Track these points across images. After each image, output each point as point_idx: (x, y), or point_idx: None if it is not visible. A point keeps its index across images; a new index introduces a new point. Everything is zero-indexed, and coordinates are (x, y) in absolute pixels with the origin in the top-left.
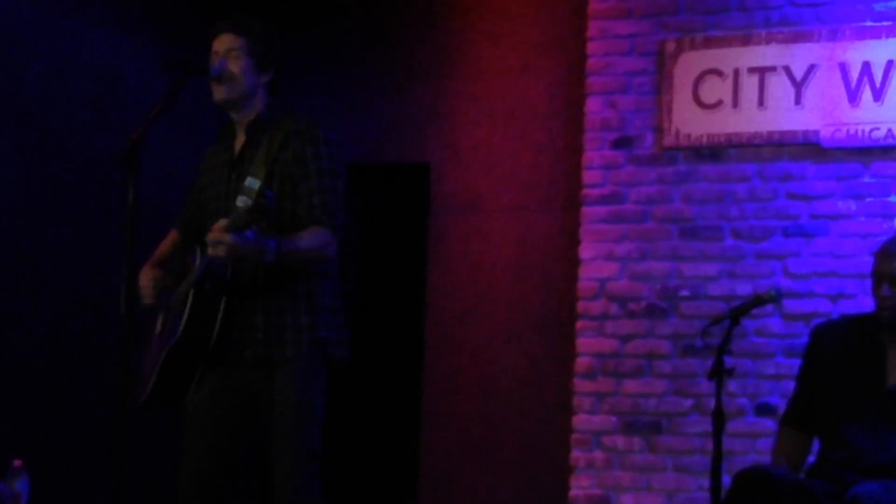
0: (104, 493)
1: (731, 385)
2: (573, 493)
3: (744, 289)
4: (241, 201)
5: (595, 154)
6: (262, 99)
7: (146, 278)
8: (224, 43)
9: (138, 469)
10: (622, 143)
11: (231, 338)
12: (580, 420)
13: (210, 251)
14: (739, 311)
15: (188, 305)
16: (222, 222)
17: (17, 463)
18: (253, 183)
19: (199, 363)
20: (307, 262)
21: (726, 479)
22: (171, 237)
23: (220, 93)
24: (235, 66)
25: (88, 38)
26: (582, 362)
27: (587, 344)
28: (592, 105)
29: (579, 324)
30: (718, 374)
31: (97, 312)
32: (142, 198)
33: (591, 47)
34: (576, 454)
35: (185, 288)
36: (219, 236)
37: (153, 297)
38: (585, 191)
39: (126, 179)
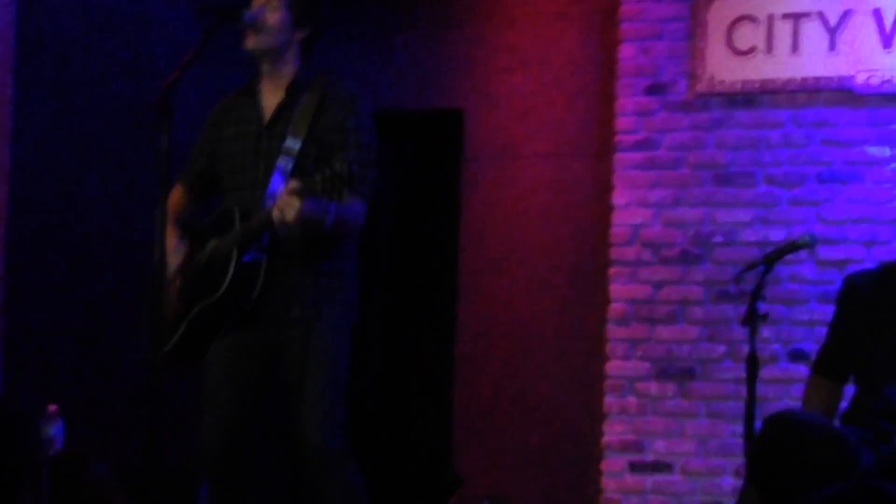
0: (138, 439)
1: (765, 331)
2: (606, 438)
3: (777, 235)
4: (284, 161)
5: (628, 101)
6: (295, 56)
7: (172, 246)
8: None
9: (172, 416)
10: (655, 90)
11: (267, 298)
12: (613, 366)
13: (276, 214)
14: (773, 257)
15: (232, 264)
16: (294, 184)
17: (53, 408)
18: (293, 144)
19: (230, 320)
20: (347, 230)
21: (759, 425)
22: (178, 192)
23: (251, 41)
24: (272, 17)
25: None
26: (615, 308)
27: (620, 290)
28: (626, 51)
29: (612, 270)
30: (752, 319)
31: (129, 258)
32: (173, 145)
33: None
34: (609, 400)
35: (228, 246)
36: (290, 201)
37: (177, 268)
38: (619, 137)
39: (160, 125)
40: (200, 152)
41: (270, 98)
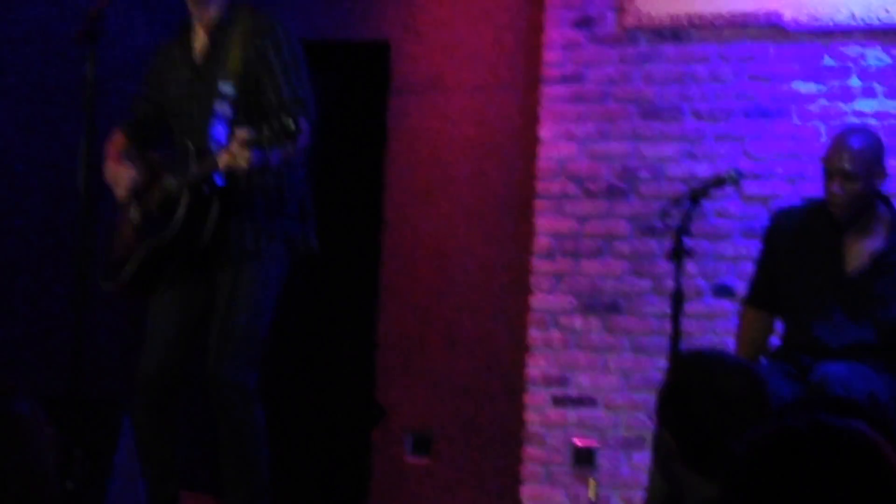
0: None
1: (689, 266)
2: (530, 371)
3: (703, 170)
4: (220, 105)
5: (556, 33)
6: None
7: (121, 172)
8: None
9: (97, 351)
10: (583, 23)
11: (215, 235)
12: (538, 300)
13: (228, 160)
14: (699, 192)
15: (184, 204)
16: (244, 134)
17: None
18: (227, 87)
19: (180, 259)
20: (289, 162)
21: None
22: (119, 136)
23: None
24: None
25: None
26: (540, 242)
27: (546, 223)
28: None
29: (538, 203)
30: (678, 254)
31: (55, 187)
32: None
33: None
34: (533, 334)
35: (178, 185)
36: (241, 151)
37: (128, 190)
38: (546, 70)
39: (85, 55)
40: (142, 100)
41: (200, 41)
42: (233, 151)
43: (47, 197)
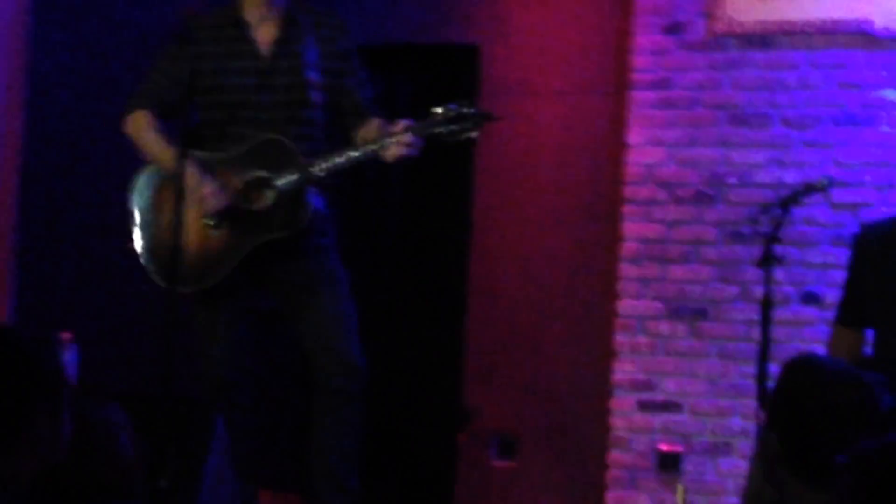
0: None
1: (777, 273)
2: (617, 377)
3: (791, 177)
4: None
5: (645, 39)
6: None
7: (210, 182)
8: None
9: (187, 345)
10: (672, 29)
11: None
12: (625, 305)
13: (394, 151)
14: (790, 200)
15: (308, 202)
16: (407, 125)
17: (66, 335)
18: (315, 76)
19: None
20: None
21: (770, 368)
22: (148, 118)
23: None
24: None
25: None
26: (628, 247)
27: (633, 229)
28: None
29: (626, 209)
30: (767, 262)
31: None
32: None
33: None
34: (620, 339)
35: (298, 182)
36: (409, 139)
37: (228, 201)
38: (635, 76)
39: (179, 54)
40: (173, 80)
41: (263, 31)
42: (402, 140)
43: None
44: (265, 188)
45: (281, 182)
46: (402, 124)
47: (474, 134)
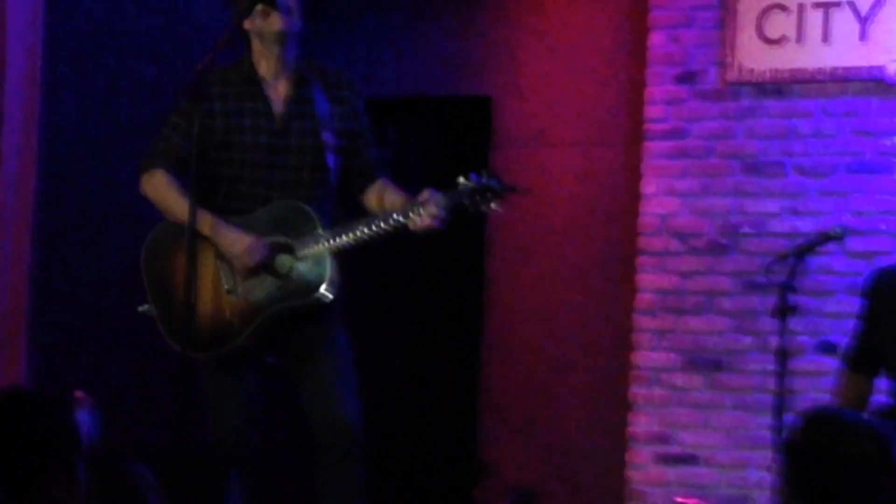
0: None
1: (793, 323)
2: (633, 429)
3: (806, 226)
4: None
5: (658, 89)
6: (299, 43)
7: (245, 236)
8: None
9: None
10: (685, 78)
11: None
12: (640, 357)
13: (420, 223)
14: (804, 249)
15: (331, 264)
16: (434, 196)
17: (79, 394)
18: (330, 138)
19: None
20: None
21: (788, 418)
22: (164, 176)
23: (283, 23)
24: (293, 4)
25: None
26: (643, 298)
27: (648, 280)
28: (656, 39)
29: (640, 259)
30: (783, 311)
31: None
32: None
33: None
34: (636, 391)
35: (321, 251)
36: (437, 211)
37: (262, 260)
38: (648, 125)
39: (193, 110)
40: (186, 136)
41: (276, 88)
42: (428, 217)
43: None
44: (285, 254)
45: (302, 251)
46: (426, 195)
47: (497, 207)
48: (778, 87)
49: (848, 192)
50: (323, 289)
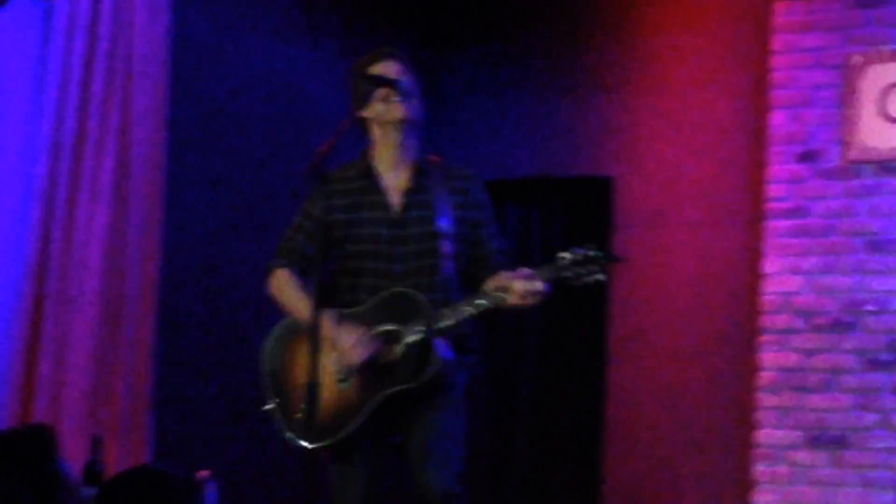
0: None
1: None
2: None
3: None
4: (443, 244)
5: (779, 168)
6: (417, 132)
7: (354, 331)
8: (395, 69)
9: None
10: (807, 157)
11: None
12: (764, 434)
13: (519, 299)
14: None
15: (435, 353)
16: (527, 272)
17: (204, 473)
18: (447, 225)
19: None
20: None
21: None
22: (287, 276)
23: (405, 110)
24: (414, 87)
25: (273, 53)
26: (765, 376)
27: (771, 358)
28: (777, 119)
29: (763, 338)
30: None
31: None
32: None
33: (776, 61)
34: (760, 468)
35: (423, 334)
36: (535, 285)
37: (371, 355)
38: (770, 204)
39: (314, 193)
40: (309, 235)
41: (392, 179)
42: (525, 288)
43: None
44: (394, 342)
45: (409, 337)
46: (526, 271)
47: (602, 277)
48: None
49: None
50: (429, 371)
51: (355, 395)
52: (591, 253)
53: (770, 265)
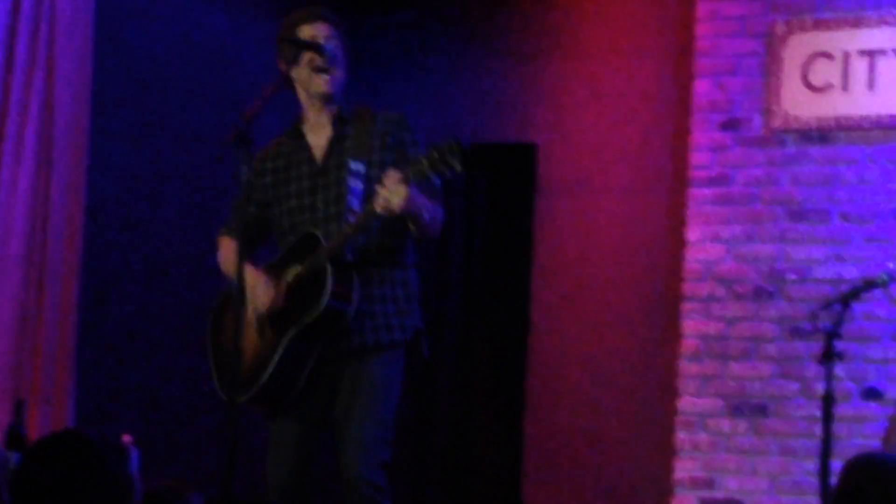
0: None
1: (837, 369)
2: (678, 475)
3: (851, 272)
4: (353, 182)
5: (703, 136)
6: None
7: (258, 279)
8: (323, 30)
9: (250, 445)
10: (730, 126)
11: (343, 329)
12: (685, 402)
13: (381, 204)
14: (850, 295)
15: (329, 277)
16: (394, 174)
17: (127, 438)
18: (358, 166)
19: (324, 342)
20: (432, 232)
21: (832, 464)
22: (232, 246)
23: (328, 84)
24: (340, 53)
25: (201, 12)
26: (688, 344)
27: (693, 326)
28: (701, 87)
29: (685, 306)
30: (829, 358)
31: (206, 288)
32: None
33: (700, 29)
34: (681, 436)
35: (319, 262)
36: (397, 188)
37: (269, 303)
38: (693, 172)
39: (239, 156)
40: (246, 203)
41: (317, 135)
42: (384, 192)
43: (202, 296)
44: (290, 281)
45: (290, 274)
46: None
47: (457, 164)
48: (823, 134)
49: (892, 238)
50: (325, 299)
51: (269, 344)
52: (438, 143)
53: (693, 233)
